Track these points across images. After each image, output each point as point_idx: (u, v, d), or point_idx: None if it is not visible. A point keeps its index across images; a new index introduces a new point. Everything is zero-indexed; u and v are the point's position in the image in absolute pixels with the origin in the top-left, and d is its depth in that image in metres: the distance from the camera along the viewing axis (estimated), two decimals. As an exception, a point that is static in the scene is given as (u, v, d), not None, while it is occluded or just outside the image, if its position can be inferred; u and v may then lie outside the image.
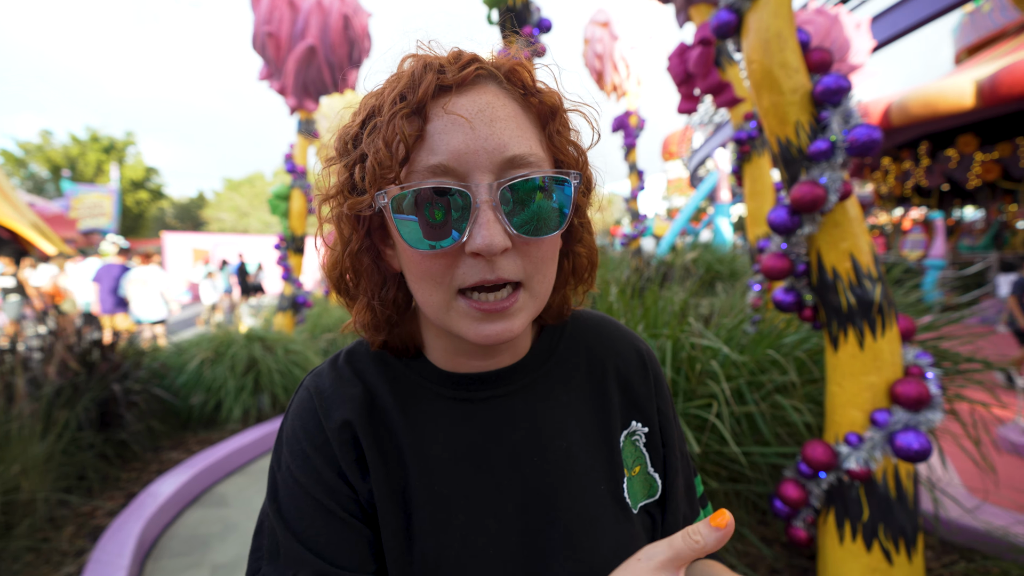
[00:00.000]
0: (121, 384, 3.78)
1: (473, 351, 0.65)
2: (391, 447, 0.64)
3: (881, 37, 7.50)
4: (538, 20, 3.43)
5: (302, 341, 5.50)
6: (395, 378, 0.68)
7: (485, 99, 0.56)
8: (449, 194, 0.53)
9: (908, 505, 1.91)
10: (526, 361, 0.70)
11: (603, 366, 0.74)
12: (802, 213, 1.92)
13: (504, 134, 0.55)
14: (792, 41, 1.94)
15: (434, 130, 0.54)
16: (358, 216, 0.60)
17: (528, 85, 0.59)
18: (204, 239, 25.20)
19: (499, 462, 0.64)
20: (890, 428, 1.85)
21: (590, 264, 0.71)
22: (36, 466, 2.98)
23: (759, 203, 3.95)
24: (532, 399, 0.68)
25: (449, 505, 0.62)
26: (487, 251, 0.53)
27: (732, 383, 2.18)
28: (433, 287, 0.57)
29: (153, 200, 41.73)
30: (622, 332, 0.80)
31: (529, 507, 0.62)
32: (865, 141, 1.78)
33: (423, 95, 0.54)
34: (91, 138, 37.94)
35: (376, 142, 0.55)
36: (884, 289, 1.92)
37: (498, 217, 0.54)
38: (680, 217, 16.43)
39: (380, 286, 0.64)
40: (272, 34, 5.56)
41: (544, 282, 0.60)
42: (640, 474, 0.70)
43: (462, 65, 0.57)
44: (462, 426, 0.65)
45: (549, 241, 0.59)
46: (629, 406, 0.73)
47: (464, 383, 0.67)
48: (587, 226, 0.70)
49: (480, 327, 0.57)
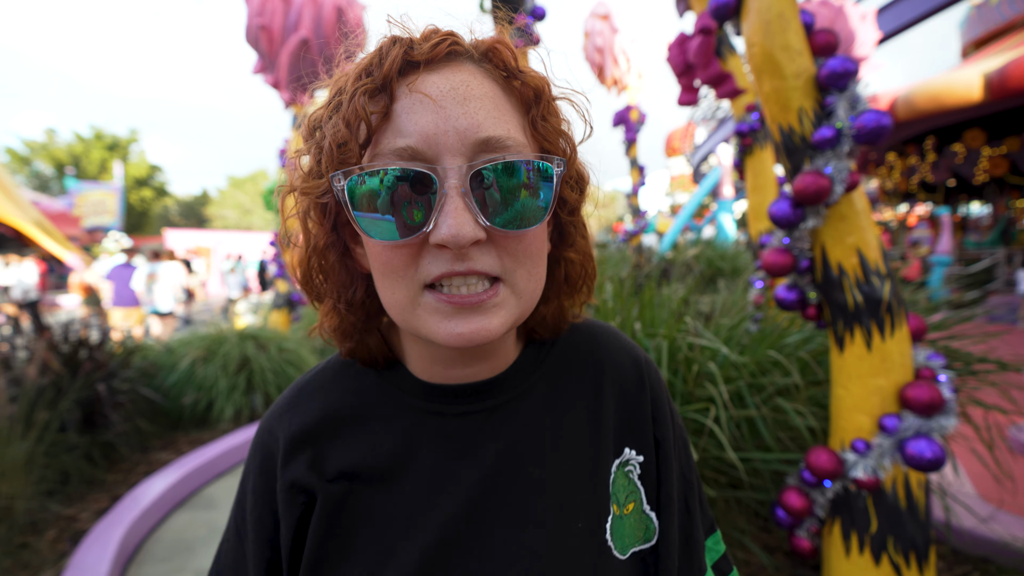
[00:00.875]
0: (107, 384, 3.69)
1: (449, 358, 0.59)
2: (345, 466, 0.58)
3: (887, 29, 7.34)
4: (532, 8, 3.31)
5: (296, 339, 5.41)
6: (363, 388, 0.62)
7: (459, 77, 0.50)
8: (414, 178, 0.47)
9: (919, 516, 1.80)
10: (508, 375, 0.62)
11: (597, 383, 0.65)
12: (805, 205, 1.81)
13: (478, 114, 0.49)
14: (795, 22, 1.82)
15: (400, 109, 0.49)
16: (323, 209, 0.55)
17: (510, 66, 0.53)
18: (207, 236, 25.19)
19: (465, 484, 0.57)
20: (900, 435, 1.74)
21: (585, 272, 0.65)
22: (15, 468, 2.90)
23: (761, 197, 3.83)
24: (511, 418, 0.60)
25: (393, 528, 0.56)
26: (453, 243, 0.46)
27: (731, 385, 2.07)
28: (395, 282, 0.51)
29: (157, 198, 41.84)
30: (620, 343, 0.71)
31: (482, 535, 0.55)
32: (873, 128, 1.66)
33: (388, 70, 0.49)
34: (95, 136, 38.04)
35: (336, 123, 0.50)
36: (893, 286, 1.81)
37: (468, 205, 0.47)
38: (682, 213, 16.29)
39: (347, 287, 0.59)
40: (265, 27, 5.46)
41: (530, 279, 0.54)
42: (634, 513, 0.62)
43: (435, 42, 0.51)
44: (429, 442, 0.59)
45: (531, 236, 0.52)
46: (623, 431, 0.64)
47: (438, 395, 0.60)
48: (580, 229, 0.63)
49: (450, 324, 0.50)
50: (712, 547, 0.67)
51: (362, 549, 0.55)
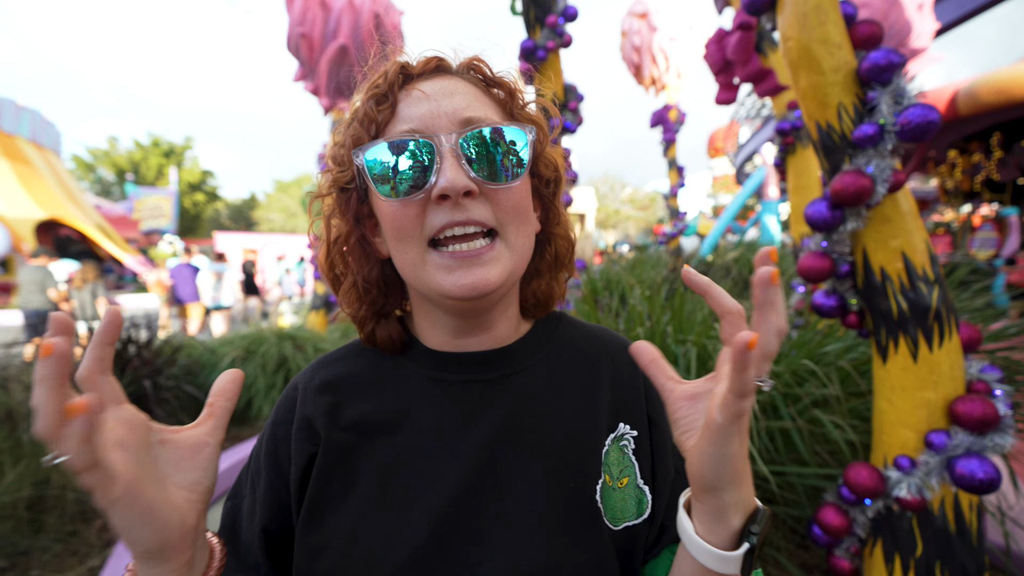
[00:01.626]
0: (153, 380, 3.86)
1: (457, 326, 0.67)
2: (352, 420, 0.66)
3: (948, 19, 6.92)
4: (563, 8, 3.27)
5: (332, 340, 5.52)
6: (378, 362, 0.72)
7: (446, 82, 0.64)
8: (415, 144, 0.58)
9: (971, 541, 1.67)
10: (512, 348, 0.70)
11: (594, 364, 0.73)
12: (845, 207, 1.71)
13: (462, 102, 0.62)
14: (834, 14, 1.72)
15: (401, 107, 0.63)
16: (347, 202, 0.66)
17: (487, 76, 0.67)
18: (254, 239, 26.15)
19: (464, 444, 0.64)
20: (949, 452, 1.62)
21: (569, 247, 0.75)
22: (67, 460, 3.06)
23: (804, 198, 3.67)
24: (511, 388, 0.68)
25: (395, 479, 0.63)
26: (451, 190, 0.57)
27: (764, 395, 1.97)
28: (407, 242, 0.61)
29: (208, 201, 43.75)
30: (615, 335, 0.80)
31: (480, 492, 0.61)
32: (920, 123, 1.55)
33: (392, 79, 0.63)
34: (153, 143, 40.12)
35: (353, 125, 0.64)
36: (943, 293, 1.68)
37: (460, 163, 0.58)
38: (725, 215, 15.84)
39: (363, 266, 0.69)
40: (305, 35, 5.61)
41: (519, 235, 0.63)
42: (629, 487, 0.67)
43: (426, 60, 0.66)
44: (435, 406, 0.66)
45: (516, 190, 0.62)
46: (618, 408, 0.70)
47: (445, 362, 0.69)
48: (562, 209, 0.74)
49: (454, 276, 0.59)
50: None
51: (363, 496, 0.62)
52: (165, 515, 0.45)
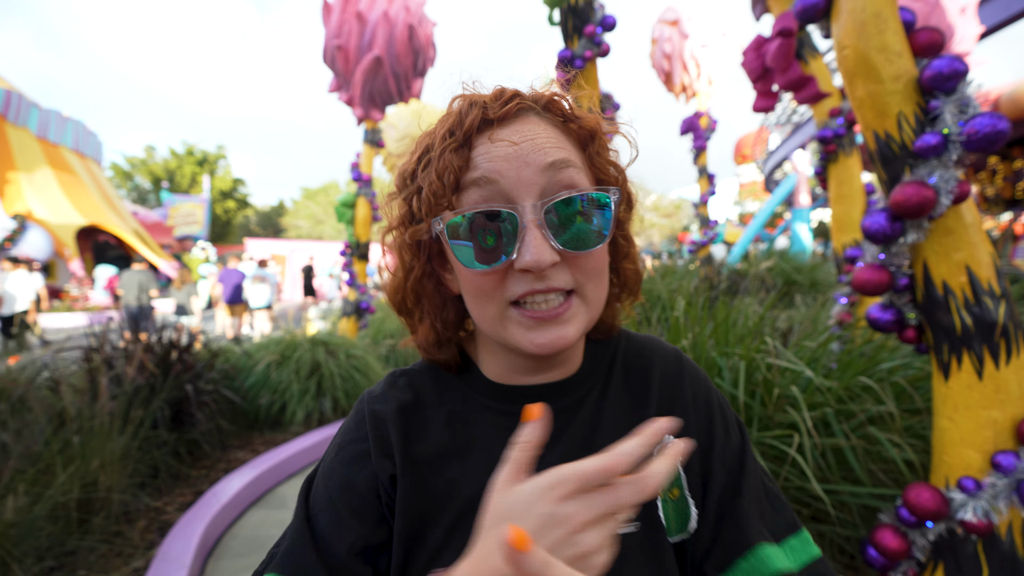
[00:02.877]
0: (193, 385, 3.94)
1: (526, 366, 0.67)
2: (429, 450, 0.67)
3: (992, 21, 6.72)
4: (601, 18, 3.27)
5: (364, 346, 5.58)
6: (446, 389, 0.72)
7: (527, 126, 0.61)
8: (498, 218, 0.57)
9: (1041, 567, 1.59)
10: (576, 377, 0.71)
11: (646, 378, 0.73)
12: (905, 218, 1.66)
13: (545, 147, 0.60)
14: (893, 21, 1.68)
15: (479, 155, 0.60)
16: (419, 244, 0.66)
17: (566, 113, 0.64)
18: (282, 245, 26.67)
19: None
20: (1018, 474, 1.55)
21: (636, 276, 0.75)
22: (113, 462, 3.14)
23: (847, 207, 3.58)
24: (576, 416, 0.68)
25: (473, 511, 0.61)
26: (535, 267, 0.56)
27: (816, 411, 1.92)
28: (486, 302, 0.61)
29: (239, 209, 44.83)
30: (663, 345, 0.81)
31: None
32: (988, 133, 1.50)
33: (469, 128, 0.60)
34: (187, 152, 41.35)
35: (430, 175, 0.61)
36: (1010, 308, 1.62)
37: (544, 235, 0.57)
38: (754, 223, 15.58)
39: (441, 308, 0.69)
40: (341, 47, 5.72)
41: (597, 291, 0.63)
42: (680, 499, 0.66)
43: (504, 101, 0.62)
44: (504, 438, 0.64)
45: (597, 253, 0.61)
46: (664, 415, 0.67)
47: (512, 395, 0.69)
48: (631, 240, 0.74)
49: (534, 335, 0.59)
50: (799, 547, 0.65)
51: (444, 530, 0.62)
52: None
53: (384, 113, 6.34)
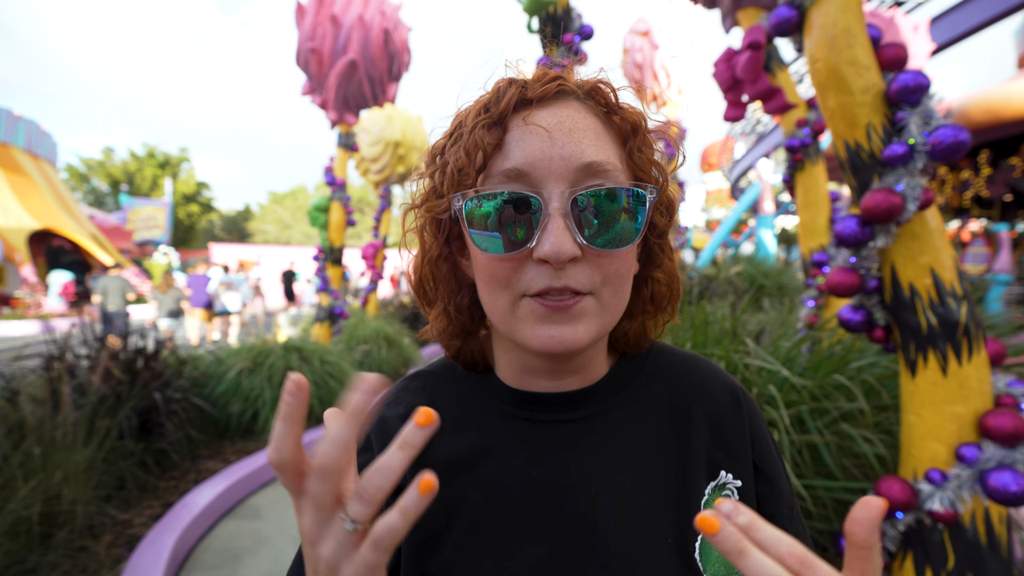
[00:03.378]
0: (162, 393, 3.82)
1: (541, 369, 0.63)
2: (440, 457, 0.62)
3: (942, 39, 7.10)
4: (579, 27, 3.34)
5: (338, 352, 5.50)
6: (461, 393, 0.68)
7: (566, 112, 0.57)
8: (521, 200, 0.54)
9: (1001, 554, 1.69)
10: (597, 388, 0.65)
11: (688, 406, 0.66)
12: (875, 224, 1.74)
13: (582, 142, 0.55)
14: (862, 37, 1.78)
15: (512, 139, 0.56)
16: (438, 224, 0.62)
17: (610, 103, 0.60)
18: (249, 250, 26.04)
19: (551, 489, 0.60)
20: (981, 466, 1.64)
21: (671, 292, 0.68)
22: (77, 474, 3.01)
23: (813, 214, 3.72)
24: (600, 429, 0.63)
25: (486, 522, 0.59)
26: (555, 258, 0.52)
27: (792, 409, 1.99)
28: (500, 290, 0.57)
29: (203, 213, 43.58)
30: (714, 370, 0.72)
31: (574, 543, 0.57)
32: (950, 143, 1.60)
33: (505, 107, 0.56)
34: (148, 154, 40.03)
35: (458, 151, 0.58)
36: (970, 308, 1.72)
37: (568, 225, 0.53)
38: (721, 229, 15.99)
39: (455, 292, 0.66)
40: (315, 50, 5.66)
41: (615, 296, 0.58)
42: None
43: (546, 82, 0.58)
44: (520, 445, 0.62)
45: (622, 256, 0.57)
46: (718, 454, 0.64)
47: (529, 402, 0.65)
48: (667, 251, 0.67)
49: (542, 328, 0.55)
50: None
51: (456, 543, 0.58)
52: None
53: (358, 117, 6.29)
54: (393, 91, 6.36)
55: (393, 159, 8.11)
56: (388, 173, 8.19)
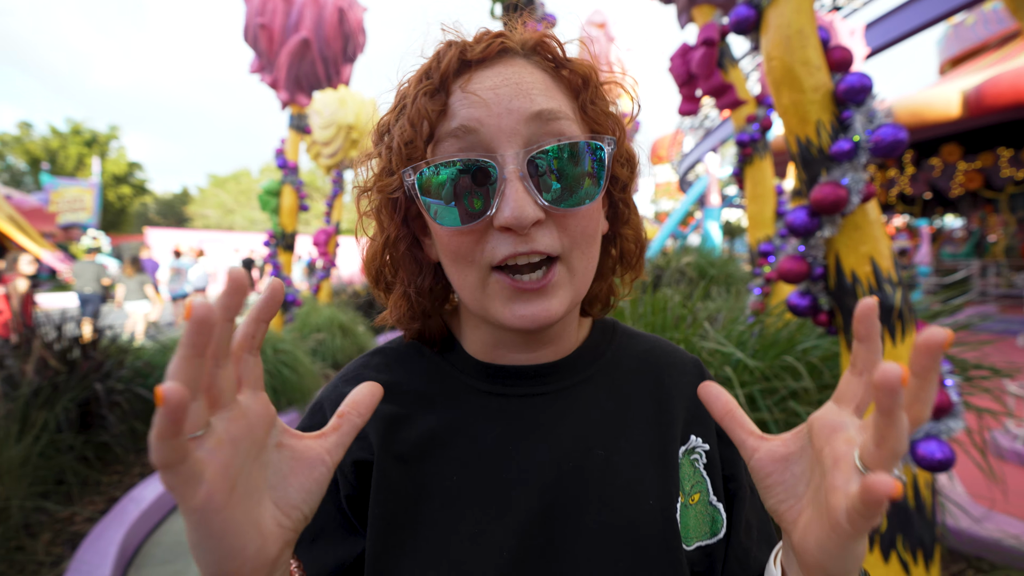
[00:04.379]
0: (103, 383, 3.62)
1: (513, 342, 0.62)
2: (410, 436, 0.60)
3: (875, 44, 7.56)
4: (543, 15, 3.36)
5: (291, 340, 5.36)
6: (428, 369, 0.65)
7: (511, 70, 0.54)
8: (476, 168, 0.51)
9: (927, 516, 1.87)
10: (570, 360, 0.65)
11: (658, 374, 0.68)
12: (822, 215, 1.87)
13: (531, 93, 0.53)
14: (814, 38, 1.89)
15: (456, 101, 0.53)
16: (394, 204, 0.60)
17: (557, 57, 0.57)
18: (188, 236, 24.77)
19: (528, 463, 0.58)
20: (911, 437, 1.80)
21: (638, 248, 0.67)
22: (11, 470, 2.83)
23: (760, 206, 3.92)
24: (573, 401, 0.62)
25: (463, 500, 0.57)
26: (517, 224, 0.50)
27: (745, 388, 2.12)
28: (466, 266, 0.55)
29: (136, 195, 40.99)
30: (676, 348, 0.74)
31: (554, 513, 0.56)
32: (891, 142, 1.73)
33: (445, 70, 0.54)
34: (72, 131, 37.17)
35: (403, 123, 0.55)
36: (904, 294, 1.88)
37: (527, 188, 0.51)
38: (670, 220, 16.49)
39: (416, 274, 0.62)
40: (265, 26, 5.42)
41: (584, 259, 0.57)
42: (700, 504, 0.62)
43: (487, 43, 0.55)
44: (493, 421, 0.61)
45: (587, 213, 0.55)
46: (689, 419, 0.65)
47: (500, 376, 0.63)
48: (632, 206, 0.66)
49: (516, 307, 0.54)
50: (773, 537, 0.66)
51: (430, 521, 0.56)
52: (243, 541, 0.36)
53: (311, 98, 6.09)
54: (348, 73, 6.19)
55: (346, 143, 7.91)
56: (341, 158, 7.98)
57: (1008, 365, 2.58)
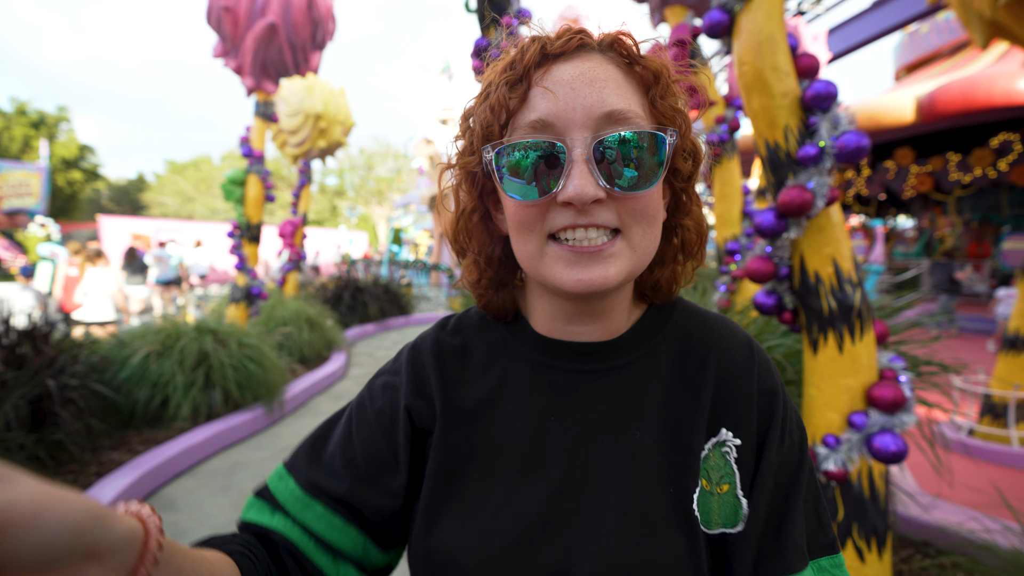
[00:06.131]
0: (56, 380, 3.47)
1: (567, 313, 0.66)
2: (468, 397, 0.68)
3: (836, 50, 7.81)
4: (518, 10, 3.35)
5: (257, 334, 5.23)
6: (492, 337, 0.72)
7: (587, 64, 0.59)
8: (545, 146, 0.57)
9: (880, 505, 1.96)
10: (621, 341, 0.68)
11: (703, 362, 0.67)
12: (789, 217, 1.93)
13: (604, 91, 0.57)
14: (783, 45, 1.94)
15: (535, 93, 0.59)
16: (472, 179, 0.66)
17: (632, 53, 0.62)
18: (145, 224, 23.82)
19: (567, 435, 0.64)
20: (867, 430, 1.89)
21: (699, 238, 0.71)
22: (-43, 470, 2.69)
23: (728, 206, 4.02)
24: (618, 382, 0.66)
25: (503, 460, 0.64)
26: (577, 200, 0.55)
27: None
28: (527, 234, 0.60)
29: (87, 181, 39.07)
30: (734, 329, 0.72)
31: (580, 487, 0.62)
32: (853, 148, 1.80)
33: (527, 62, 0.59)
34: (17, 111, 35.13)
35: (484, 109, 0.61)
36: (863, 294, 1.96)
37: (591, 170, 0.56)
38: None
39: (487, 244, 0.69)
40: (229, 9, 5.24)
41: (645, 237, 0.60)
42: (728, 495, 0.62)
43: (567, 38, 0.60)
44: (541, 392, 0.66)
45: (646, 197, 0.59)
46: (722, 411, 0.65)
47: (554, 349, 0.68)
48: (694, 198, 0.70)
49: (572, 271, 0.58)
50: (830, 569, 0.64)
51: (477, 478, 0.63)
52: None
53: (278, 85, 5.92)
54: (316, 60, 6.04)
55: (314, 132, 7.72)
56: (308, 147, 7.80)
57: (955, 361, 2.73)
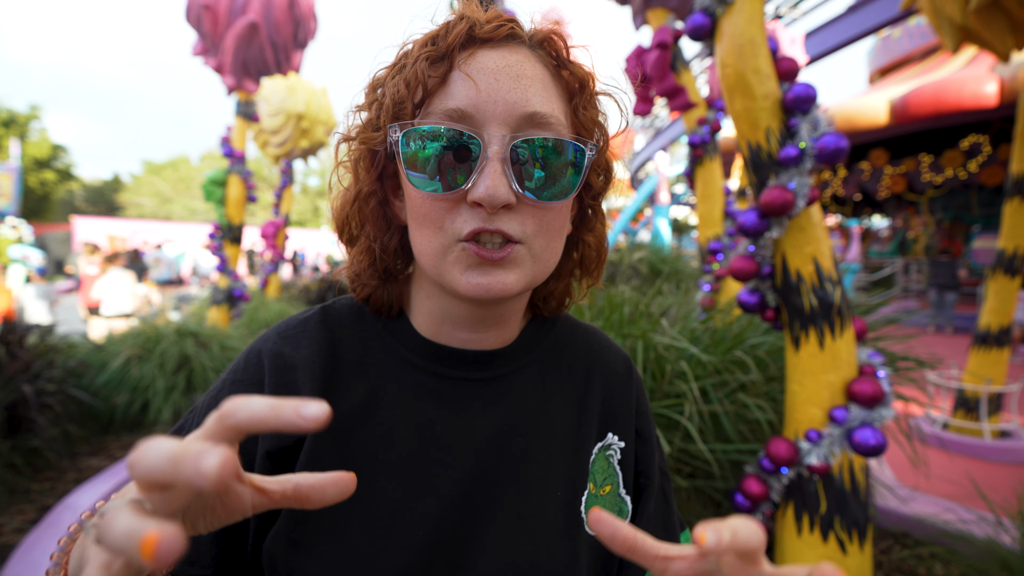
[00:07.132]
0: (32, 385, 3.39)
1: (460, 319, 0.63)
2: (341, 407, 0.59)
3: (814, 53, 7.97)
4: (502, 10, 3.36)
5: (239, 337, 5.16)
6: (368, 337, 0.65)
7: (514, 57, 0.56)
8: (460, 139, 0.53)
9: (861, 497, 2.01)
10: (508, 350, 0.67)
11: (587, 372, 0.71)
12: (771, 217, 1.97)
13: (528, 91, 0.55)
14: (764, 48, 1.98)
15: (456, 78, 0.54)
16: (373, 158, 0.60)
17: (561, 57, 0.59)
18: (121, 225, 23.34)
19: (454, 445, 0.61)
20: (848, 425, 1.94)
21: (598, 257, 0.70)
22: (-72, 479, 2.61)
23: (710, 206, 4.08)
24: (504, 390, 0.65)
25: (385, 475, 0.58)
26: (488, 201, 0.52)
27: (699, 382, 2.21)
28: (432, 232, 0.56)
29: (61, 181, 38.13)
30: (610, 342, 0.78)
31: (472, 497, 0.59)
32: (833, 149, 1.85)
33: (452, 41, 0.55)
34: (-14, 110, 34.14)
35: (398, 82, 0.56)
36: (842, 292, 2.01)
37: (505, 171, 0.53)
38: (622, 217, 16.85)
39: (383, 232, 0.63)
40: (209, 7, 5.17)
41: (547, 249, 0.58)
42: (610, 495, 0.67)
43: (497, 24, 0.56)
44: (425, 400, 0.62)
45: (556, 209, 0.58)
46: (608, 417, 0.70)
47: (439, 356, 0.64)
48: (600, 216, 0.69)
49: (472, 275, 0.55)
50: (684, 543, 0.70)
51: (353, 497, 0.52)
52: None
53: (259, 84, 5.85)
54: (298, 59, 5.99)
55: (296, 132, 7.64)
56: (290, 147, 7.71)
57: (930, 356, 2.81)
